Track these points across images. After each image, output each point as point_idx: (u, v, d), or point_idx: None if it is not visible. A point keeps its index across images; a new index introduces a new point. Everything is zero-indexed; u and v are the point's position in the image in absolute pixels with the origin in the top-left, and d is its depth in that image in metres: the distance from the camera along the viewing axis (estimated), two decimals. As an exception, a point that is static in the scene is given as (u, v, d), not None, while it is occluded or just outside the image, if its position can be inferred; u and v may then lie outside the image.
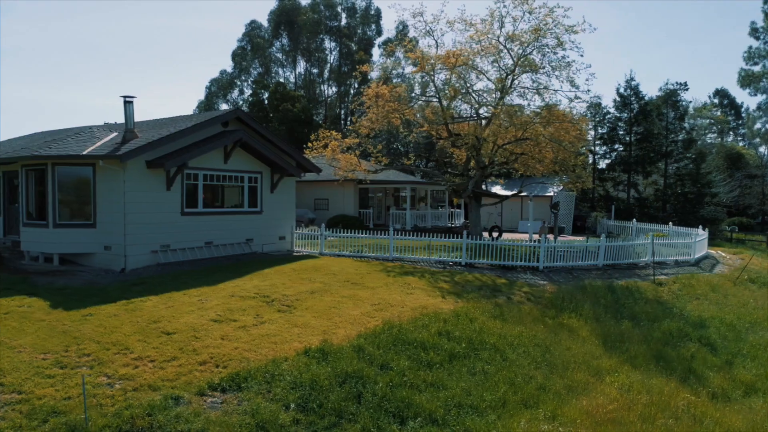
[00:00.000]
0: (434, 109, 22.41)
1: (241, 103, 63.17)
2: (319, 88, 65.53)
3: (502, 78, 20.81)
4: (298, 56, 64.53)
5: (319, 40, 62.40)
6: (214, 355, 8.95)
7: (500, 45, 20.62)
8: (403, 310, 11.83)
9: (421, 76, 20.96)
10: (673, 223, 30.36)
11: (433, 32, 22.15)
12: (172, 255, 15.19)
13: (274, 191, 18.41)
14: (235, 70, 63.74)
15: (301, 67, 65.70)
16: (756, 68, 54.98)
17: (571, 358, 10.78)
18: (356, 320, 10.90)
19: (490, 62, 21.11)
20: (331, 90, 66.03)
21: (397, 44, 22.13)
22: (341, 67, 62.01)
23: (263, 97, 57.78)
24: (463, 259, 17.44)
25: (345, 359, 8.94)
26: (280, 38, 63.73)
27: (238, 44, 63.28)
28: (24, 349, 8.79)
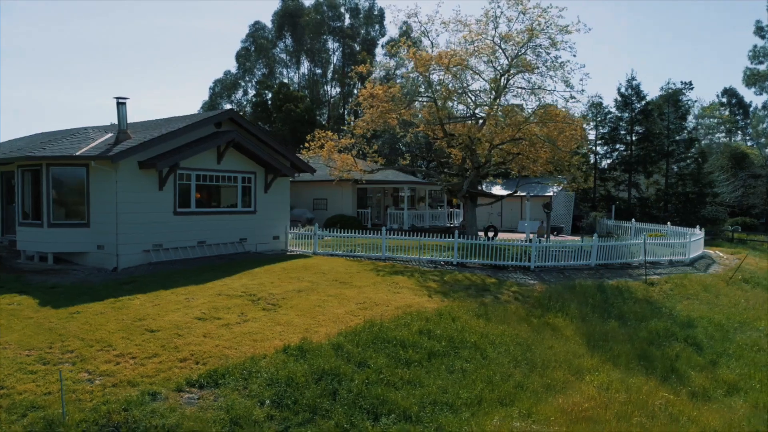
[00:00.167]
0: (430, 109, 22.49)
1: (245, 104, 63.58)
2: (323, 89, 65.79)
3: (496, 78, 20.88)
4: (301, 57, 64.83)
5: (322, 40, 62.63)
6: (195, 353, 9.10)
7: (495, 45, 20.69)
8: (387, 308, 11.94)
9: (415, 77, 21.00)
10: (675, 223, 30.26)
11: (428, 33, 22.30)
12: (164, 254, 15.39)
13: (268, 191, 18.58)
14: (239, 70, 64.12)
15: (305, 68, 66.03)
16: (761, 67, 54.59)
17: (553, 357, 10.85)
18: (339, 319, 11.02)
19: (485, 63, 21.20)
20: (334, 90, 66.26)
21: (400, 44, 22.23)
22: (344, 68, 62.19)
23: (267, 97, 58.15)
24: (455, 259, 17.52)
25: (323, 357, 9.07)
26: (284, 39, 64.06)
27: (241, 45, 63.72)
28: (9, 346, 8.99)
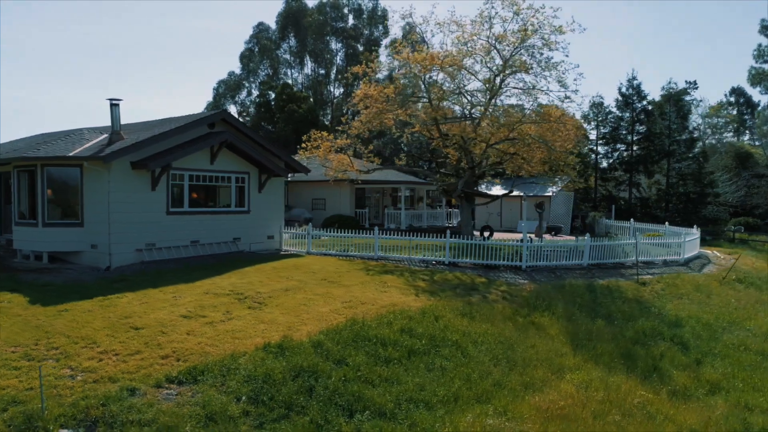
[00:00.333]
0: (426, 109, 22.58)
1: (248, 104, 63.94)
2: (326, 89, 66.02)
3: (490, 79, 20.94)
4: (305, 57, 65.09)
5: (325, 41, 62.86)
6: (177, 350, 9.26)
7: (490, 46, 20.75)
8: (373, 307, 12.05)
9: (409, 78, 21.10)
10: (676, 223, 30.16)
11: (423, 33, 22.41)
12: (157, 253, 15.59)
13: (262, 191, 18.74)
14: (243, 71, 64.49)
15: (308, 69, 66.28)
16: (767, 66, 54.27)
17: (534, 356, 10.92)
18: (323, 317, 11.15)
19: (480, 63, 21.28)
20: (338, 91, 66.46)
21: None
22: (347, 68, 62.36)
23: (270, 98, 58.47)
24: (447, 258, 17.60)
25: (302, 354, 9.20)
26: (288, 40, 64.34)
27: (245, 46, 64.06)
28: (-5, 342, 9.18)
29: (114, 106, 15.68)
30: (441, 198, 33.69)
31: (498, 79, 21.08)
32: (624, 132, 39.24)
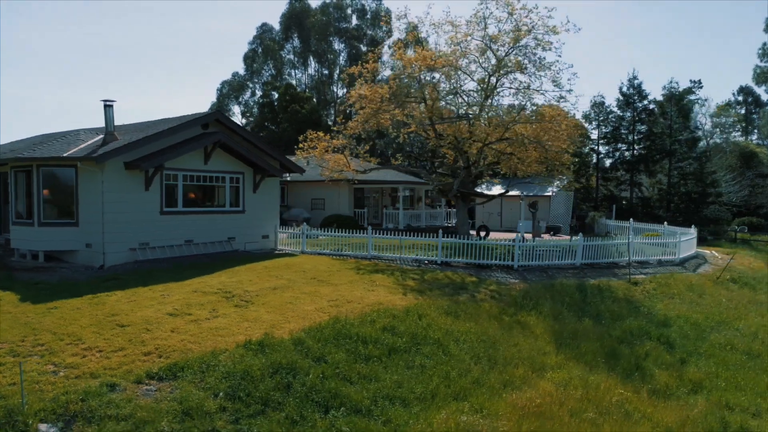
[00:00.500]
0: (421, 109, 22.67)
1: (252, 105, 64.32)
2: (330, 90, 66.26)
3: (484, 79, 21.01)
4: (309, 58, 65.37)
5: (328, 42, 63.09)
6: (160, 347, 9.42)
7: (485, 46, 20.82)
8: (358, 306, 12.16)
9: (401, 79, 21.20)
10: (678, 223, 30.02)
11: (420, 33, 22.52)
12: (150, 252, 15.80)
13: (256, 191, 18.92)
14: (246, 72, 64.88)
15: (312, 69, 66.57)
16: (772, 65, 53.92)
17: (517, 354, 10.99)
18: (308, 315, 11.28)
19: (475, 63, 21.34)
20: (341, 91, 66.66)
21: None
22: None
23: (273, 98, 58.78)
24: (439, 258, 17.69)
25: (281, 351, 9.33)
26: (291, 40, 64.66)
27: (249, 47, 64.46)
28: (-17, 339, 9.39)
29: (108, 107, 15.91)
30: (440, 198, 33.75)
31: (493, 80, 21.15)
32: (625, 131, 39.13)
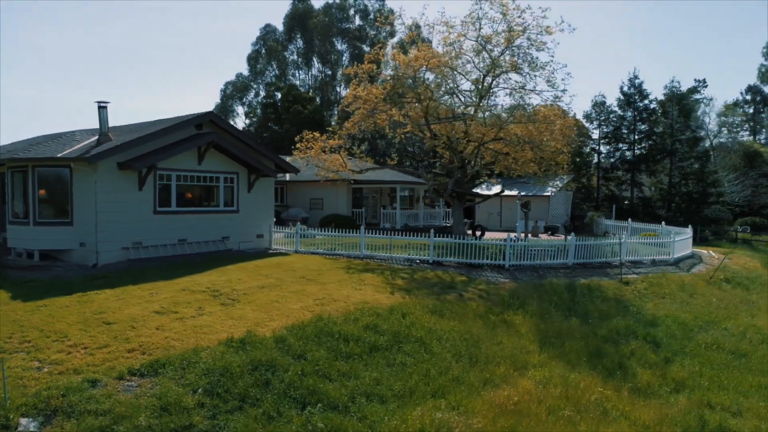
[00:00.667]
0: (416, 109, 22.76)
1: (255, 105, 64.61)
2: (333, 90, 66.46)
3: (479, 79, 21.08)
4: (312, 58, 65.60)
5: (331, 42, 63.30)
6: (144, 344, 9.58)
7: (479, 47, 20.89)
8: (344, 304, 12.28)
9: (395, 80, 21.30)
10: (679, 223, 29.94)
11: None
12: (143, 252, 15.99)
13: (251, 191, 19.08)
14: (250, 73, 65.21)
15: (315, 69, 66.80)
16: (777, 63, 53.57)
17: (499, 353, 11.07)
18: (292, 314, 11.41)
19: (470, 63, 21.42)
20: (345, 91, 66.80)
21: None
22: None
23: (276, 99, 59.03)
24: (431, 257, 17.78)
25: (262, 349, 9.46)
26: (295, 41, 64.93)
27: (252, 48, 64.83)
28: (-29, 336, 9.58)
29: (102, 108, 16.13)
30: (439, 198, 33.82)
31: (488, 80, 21.21)
32: (626, 131, 39.02)
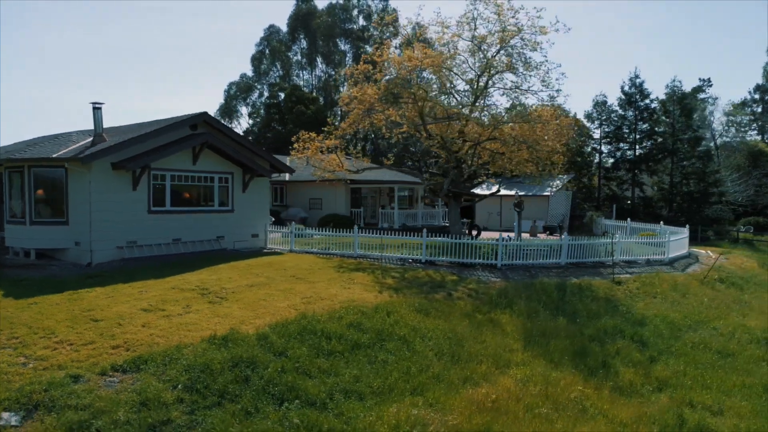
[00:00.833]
0: (412, 109, 22.85)
1: (259, 106, 64.95)
2: (338, 91, 66.61)
3: (473, 79, 21.14)
4: (316, 59, 65.82)
5: (334, 43, 63.52)
6: (128, 341, 9.75)
7: (474, 47, 20.97)
8: (331, 303, 12.40)
9: (390, 80, 21.42)
10: (681, 223, 29.83)
11: (410, 35, 22.74)
12: (138, 251, 16.20)
13: (245, 191, 19.26)
14: (254, 73, 65.55)
15: (319, 70, 67.04)
16: (781, 62, 53.03)
17: (482, 351, 11.13)
18: (278, 312, 11.54)
19: (465, 63, 21.49)
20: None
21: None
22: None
23: (280, 99, 59.31)
24: (423, 257, 17.87)
25: (244, 346, 9.60)
26: (298, 42, 65.19)
27: (256, 48, 65.16)
28: (-40, 332, 9.79)
29: (96, 109, 16.36)
30: (437, 198, 33.89)
31: (483, 80, 21.26)
32: (627, 131, 38.90)
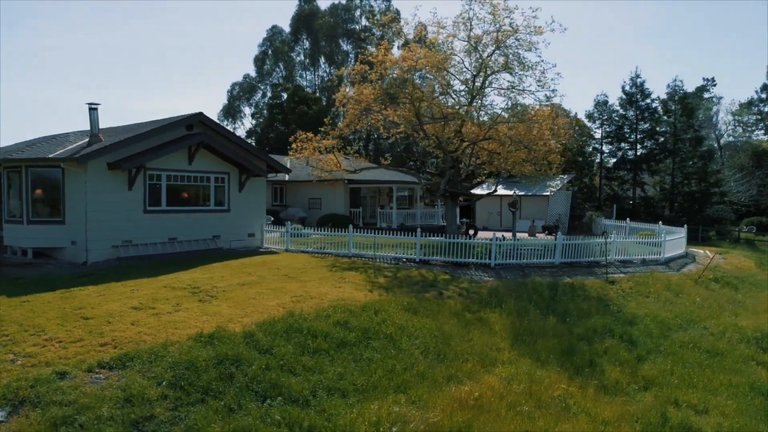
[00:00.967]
0: (408, 109, 22.92)
1: (262, 106, 65.19)
2: (338, 91, 66.80)
3: (469, 79, 21.20)
4: (319, 59, 65.98)
5: (337, 43, 63.66)
6: (116, 338, 9.87)
7: (470, 47, 21.02)
8: (320, 302, 12.49)
9: (386, 80, 21.52)
10: (682, 223, 29.76)
11: (407, 35, 22.84)
12: (133, 250, 16.36)
13: (242, 191, 19.40)
14: (257, 73, 65.80)
15: (322, 70, 67.20)
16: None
17: (469, 350, 11.20)
18: (267, 310, 11.64)
19: (460, 64, 21.56)
20: (352, 92, 67.03)
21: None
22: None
23: (282, 99, 59.54)
24: (417, 256, 17.94)
25: (229, 344, 9.71)
26: (301, 42, 65.37)
27: (259, 49, 65.39)
28: (-48, 330, 9.95)
29: (92, 110, 16.55)
30: (435, 197, 33.93)
31: (479, 80, 21.31)
32: (628, 131, 38.79)
